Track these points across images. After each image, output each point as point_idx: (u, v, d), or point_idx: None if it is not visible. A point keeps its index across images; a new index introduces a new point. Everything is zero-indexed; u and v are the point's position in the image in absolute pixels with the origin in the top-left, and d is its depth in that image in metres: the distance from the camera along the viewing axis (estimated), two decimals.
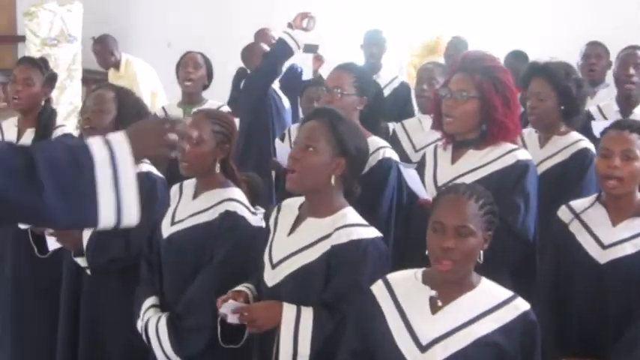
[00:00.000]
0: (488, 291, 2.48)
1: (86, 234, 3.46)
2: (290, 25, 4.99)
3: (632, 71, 4.77)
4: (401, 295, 2.51)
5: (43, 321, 3.98)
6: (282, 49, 4.95)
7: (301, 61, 6.32)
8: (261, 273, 2.87)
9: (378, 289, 2.55)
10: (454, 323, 2.42)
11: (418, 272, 2.54)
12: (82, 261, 3.51)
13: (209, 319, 2.96)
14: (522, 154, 3.31)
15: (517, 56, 5.85)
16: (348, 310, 2.66)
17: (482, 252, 2.46)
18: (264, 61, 5.31)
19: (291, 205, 2.94)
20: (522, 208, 3.16)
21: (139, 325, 3.21)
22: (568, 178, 3.64)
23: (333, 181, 2.79)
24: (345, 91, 3.65)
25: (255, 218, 3.17)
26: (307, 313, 2.69)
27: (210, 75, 5.20)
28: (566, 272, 3.10)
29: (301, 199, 2.91)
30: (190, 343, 3.05)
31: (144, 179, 3.56)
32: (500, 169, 3.25)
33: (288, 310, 2.70)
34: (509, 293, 2.46)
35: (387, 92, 5.66)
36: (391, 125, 4.94)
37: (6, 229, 3.95)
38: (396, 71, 6.95)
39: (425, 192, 3.24)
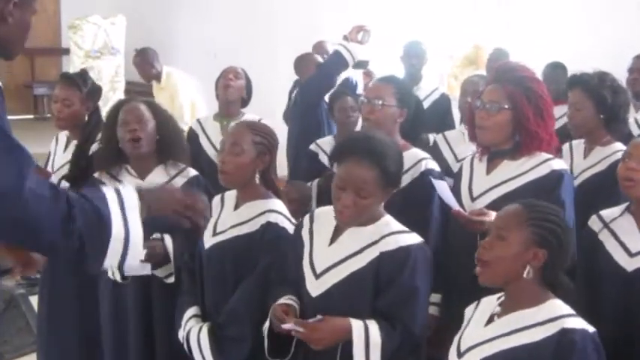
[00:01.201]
0: (547, 308, 2.42)
1: (169, 242, 3.49)
2: (345, 38, 5.00)
3: (636, 75, 4.72)
4: (478, 311, 2.59)
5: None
6: (338, 61, 4.95)
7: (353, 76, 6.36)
8: (302, 284, 2.86)
9: (469, 308, 2.63)
10: (493, 334, 2.44)
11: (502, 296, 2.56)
12: (161, 271, 3.53)
13: (250, 330, 2.98)
14: (557, 164, 3.29)
15: (555, 67, 5.84)
16: (404, 316, 2.68)
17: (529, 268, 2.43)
18: (319, 71, 5.32)
19: (327, 214, 2.92)
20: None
21: (181, 334, 3.24)
22: (605, 188, 3.62)
23: (380, 206, 2.83)
24: (385, 102, 3.65)
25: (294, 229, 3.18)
26: (374, 327, 2.68)
27: (249, 90, 5.16)
28: (595, 280, 3.11)
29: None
30: (231, 353, 3.07)
31: (201, 182, 3.67)
32: (535, 179, 3.24)
33: (357, 326, 2.67)
34: (566, 311, 2.40)
35: (427, 104, 5.68)
36: (431, 136, 4.95)
37: None
38: (436, 82, 6.96)
39: (456, 203, 3.23)
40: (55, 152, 4.33)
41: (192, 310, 3.25)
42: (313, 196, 4.36)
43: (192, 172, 3.71)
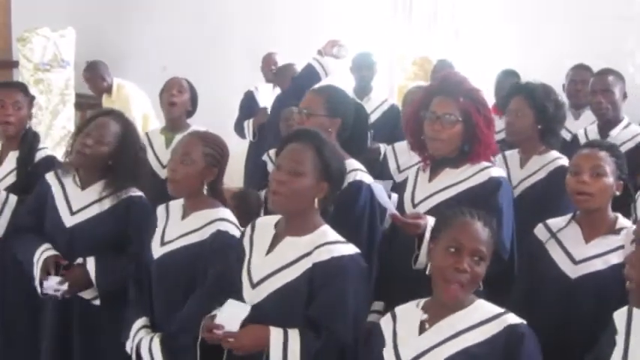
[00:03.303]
0: (477, 309, 2.51)
1: (92, 267, 3.51)
2: (320, 52, 5.02)
3: (599, 98, 4.77)
4: (400, 322, 2.59)
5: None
6: (310, 75, 4.99)
7: (261, 89, 6.41)
8: (240, 293, 2.87)
9: (385, 320, 2.65)
10: (436, 340, 2.47)
11: (422, 301, 2.60)
12: (87, 294, 3.55)
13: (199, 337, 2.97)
14: (495, 172, 3.38)
15: (509, 74, 5.92)
16: (331, 324, 2.69)
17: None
18: (292, 84, 5.33)
19: (267, 224, 2.94)
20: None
21: (129, 346, 3.23)
22: (547, 196, 3.70)
23: (316, 204, 2.83)
24: (313, 112, 3.68)
25: None
26: (294, 334, 2.70)
27: (194, 101, 5.15)
28: (538, 287, 3.16)
29: (276, 218, 2.93)
30: None
31: (138, 203, 3.64)
32: (474, 186, 3.32)
33: (276, 333, 2.70)
34: (499, 310, 2.48)
35: (377, 115, 5.79)
36: (383, 147, 4.99)
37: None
38: (386, 94, 7.01)
39: (392, 206, 3.28)
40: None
41: (141, 321, 3.24)
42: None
43: (133, 192, 3.65)
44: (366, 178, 3.62)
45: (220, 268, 3.05)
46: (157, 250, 3.26)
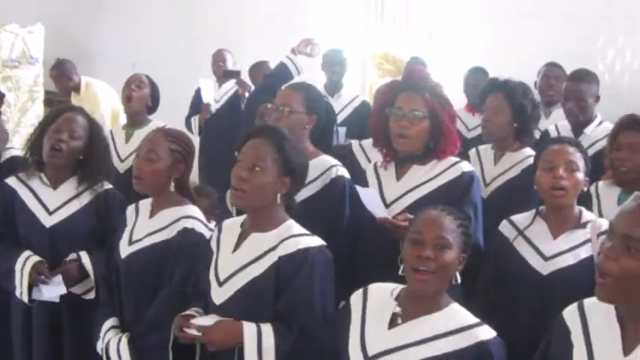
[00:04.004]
0: (452, 315, 2.47)
1: (87, 260, 3.49)
2: (293, 51, 5.04)
3: (571, 104, 4.73)
4: (370, 305, 2.55)
5: None
6: (282, 73, 4.99)
7: (203, 85, 6.38)
8: (208, 293, 2.85)
9: (355, 295, 2.61)
10: (405, 340, 2.43)
11: (397, 288, 2.56)
12: (78, 288, 3.53)
13: (170, 337, 2.95)
14: (466, 166, 3.38)
15: (477, 72, 5.92)
16: (301, 317, 2.68)
17: (457, 273, 2.49)
18: (264, 81, 5.34)
19: (233, 224, 2.94)
20: (472, 218, 3.22)
21: (99, 346, 3.20)
22: (519, 193, 3.68)
23: (279, 199, 2.81)
24: (293, 109, 3.65)
25: (211, 234, 3.14)
26: (268, 329, 2.69)
27: (155, 97, 5.13)
28: (510, 285, 3.16)
29: (242, 218, 2.92)
30: None
31: (116, 196, 3.62)
32: (448, 182, 3.31)
33: (249, 328, 2.69)
34: (473, 320, 2.44)
35: (348, 111, 5.80)
36: (354, 143, 4.97)
37: None
38: (357, 90, 7.01)
39: (382, 210, 3.24)
40: None
41: (110, 322, 3.21)
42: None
43: (107, 185, 3.66)
44: (345, 172, 3.64)
45: (187, 266, 3.04)
46: (125, 249, 3.23)
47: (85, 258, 3.50)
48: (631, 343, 2.01)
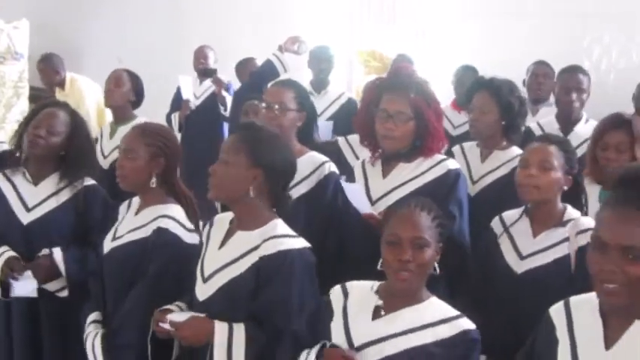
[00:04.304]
0: (433, 307, 2.51)
1: (59, 257, 3.47)
2: (280, 48, 5.07)
3: (573, 96, 4.82)
4: (352, 300, 2.57)
5: None
6: (268, 70, 5.00)
7: (182, 82, 6.36)
8: (194, 288, 2.86)
9: (335, 292, 2.62)
10: (390, 330, 2.46)
11: (376, 284, 2.58)
12: (52, 285, 3.52)
13: (138, 337, 2.95)
14: (452, 164, 3.39)
15: (468, 70, 5.93)
16: (276, 318, 2.67)
17: (436, 263, 2.51)
18: (250, 79, 5.37)
19: (223, 220, 2.94)
20: (457, 216, 3.24)
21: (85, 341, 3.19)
22: (509, 191, 3.68)
23: (251, 192, 2.78)
24: (286, 107, 3.64)
25: (190, 235, 3.14)
26: (239, 329, 2.69)
27: (138, 91, 5.11)
28: (490, 282, 3.18)
29: (232, 214, 2.91)
30: None
31: (96, 192, 3.61)
32: (433, 180, 3.32)
33: (220, 327, 2.69)
34: (454, 312, 2.48)
35: (334, 108, 5.79)
36: (341, 139, 4.96)
37: None
38: (343, 87, 7.00)
39: (368, 206, 3.24)
40: None
41: (93, 316, 3.21)
42: None
43: (88, 182, 3.65)
44: (336, 169, 3.66)
45: (159, 266, 3.03)
46: (108, 245, 3.24)
47: (57, 254, 3.48)
48: (613, 338, 2.03)
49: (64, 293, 3.53)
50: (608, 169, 3.51)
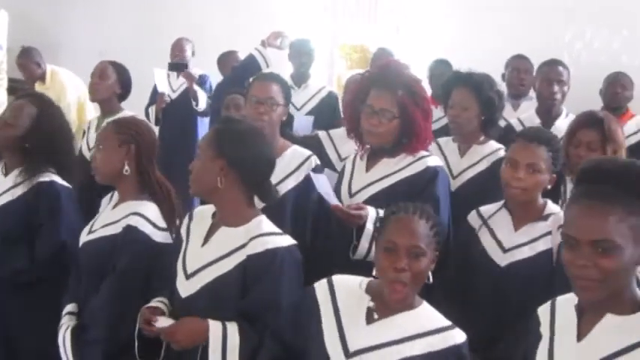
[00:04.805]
0: (426, 315, 2.47)
1: None
2: (263, 43, 5.07)
3: (555, 88, 4.85)
4: (341, 298, 2.52)
5: None
6: (251, 65, 4.99)
7: (157, 75, 6.33)
8: (174, 283, 2.82)
9: (320, 287, 2.56)
10: (386, 338, 2.41)
11: (364, 281, 2.54)
12: None
13: (105, 333, 2.95)
14: (432, 161, 3.38)
15: (442, 63, 5.93)
16: (266, 318, 2.65)
17: (430, 273, 2.46)
18: (232, 73, 5.37)
19: (204, 213, 2.91)
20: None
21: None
22: (489, 186, 3.68)
23: (219, 184, 2.75)
24: (277, 102, 3.63)
25: (161, 234, 3.11)
26: (233, 328, 2.66)
27: (124, 84, 5.06)
28: (470, 274, 3.18)
29: (214, 207, 2.88)
30: (88, 356, 3.00)
31: (46, 189, 3.52)
32: (410, 176, 3.33)
33: (215, 327, 2.66)
34: (446, 322, 2.44)
35: (315, 102, 5.77)
36: (322, 133, 4.96)
37: None
38: (324, 81, 7.00)
39: (334, 197, 3.24)
40: None
41: (69, 307, 3.19)
42: None
43: (45, 178, 3.57)
44: (318, 161, 3.64)
45: (125, 263, 3.01)
46: (83, 238, 3.23)
47: None
48: (585, 331, 2.05)
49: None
50: (579, 166, 3.51)
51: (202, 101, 6.24)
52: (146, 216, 3.11)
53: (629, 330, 1.99)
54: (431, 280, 2.45)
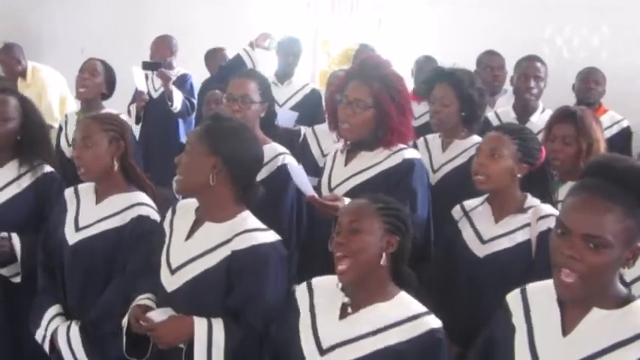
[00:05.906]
0: (401, 304, 2.47)
1: (17, 242, 3.44)
2: (251, 44, 5.14)
3: (532, 84, 4.92)
4: (318, 298, 2.54)
5: None
6: (238, 65, 5.05)
7: (135, 73, 6.27)
8: (158, 277, 2.83)
9: (300, 290, 2.60)
10: (359, 331, 2.42)
11: None
12: (7, 270, 3.48)
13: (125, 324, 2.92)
14: (409, 154, 3.42)
15: (429, 60, 5.96)
16: (249, 313, 2.66)
17: (384, 255, 2.49)
18: (219, 72, 5.40)
19: (187, 207, 2.90)
20: (407, 205, 3.21)
21: (40, 334, 3.15)
22: (467, 180, 3.72)
23: (211, 181, 2.75)
24: (251, 99, 3.66)
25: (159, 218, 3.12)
26: (218, 325, 2.66)
27: (110, 84, 5.06)
28: (451, 266, 3.22)
29: (197, 202, 2.88)
30: (111, 348, 2.99)
31: (53, 179, 3.58)
32: (388, 169, 3.36)
33: (200, 325, 2.66)
34: (422, 309, 2.45)
35: (298, 98, 5.79)
36: (303, 129, 4.99)
37: None
38: (308, 79, 7.01)
39: (310, 188, 3.26)
40: None
41: (54, 309, 3.16)
42: None
43: (47, 168, 3.62)
44: (293, 160, 3.64)
45: (142, 254, 3.00)
46: (73, 236, 3.18)
47: (15, 239, 3.45)
48: (570, 324, 2.05)
49: (18, 279, 3.50)
50: (555, 161, 3.56)
51: (177, 101, 6.11)
52: (151, 205, 3.15)
53: (617, 324, 1.99)
54: (385, 263, 2.46)
